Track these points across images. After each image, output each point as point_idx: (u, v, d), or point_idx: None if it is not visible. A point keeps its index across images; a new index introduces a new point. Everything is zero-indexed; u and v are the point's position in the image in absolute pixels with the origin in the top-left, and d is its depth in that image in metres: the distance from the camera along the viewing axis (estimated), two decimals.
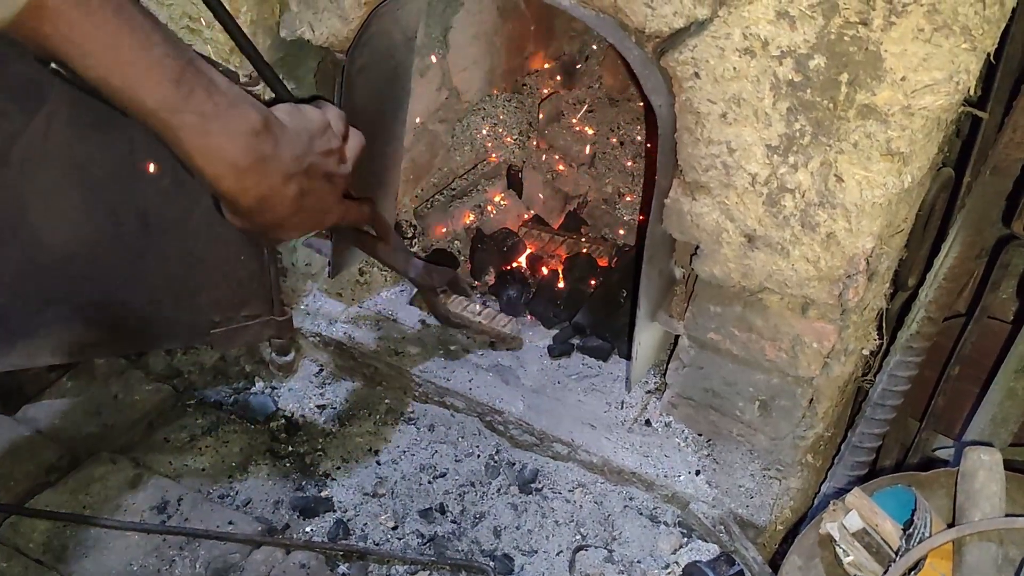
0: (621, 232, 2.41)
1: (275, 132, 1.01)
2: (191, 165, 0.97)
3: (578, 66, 2.67)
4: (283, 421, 1.97)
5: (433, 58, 2.16)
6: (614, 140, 2.54)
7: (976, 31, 1.16)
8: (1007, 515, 1.21)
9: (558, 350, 2.05)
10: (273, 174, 1.02)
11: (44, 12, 0.79)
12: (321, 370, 2.09)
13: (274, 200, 1.05)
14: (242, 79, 1.72)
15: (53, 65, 0.90)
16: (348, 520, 1.75)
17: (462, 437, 1.93)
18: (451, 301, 2.12)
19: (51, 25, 0.81)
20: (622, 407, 1.93)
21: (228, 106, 0.96)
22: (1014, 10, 1.19)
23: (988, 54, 1.21)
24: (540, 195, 2.47)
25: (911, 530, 1.24)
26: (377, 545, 1.71)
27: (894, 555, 1.23)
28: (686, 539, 1.75)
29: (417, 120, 2.21)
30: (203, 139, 0.95)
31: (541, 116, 2.54)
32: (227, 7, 1.22)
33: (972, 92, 1.27)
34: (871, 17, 1.21)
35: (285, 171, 1.04)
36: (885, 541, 1.25)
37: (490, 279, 2.27)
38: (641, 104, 2.53)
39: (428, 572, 1.67)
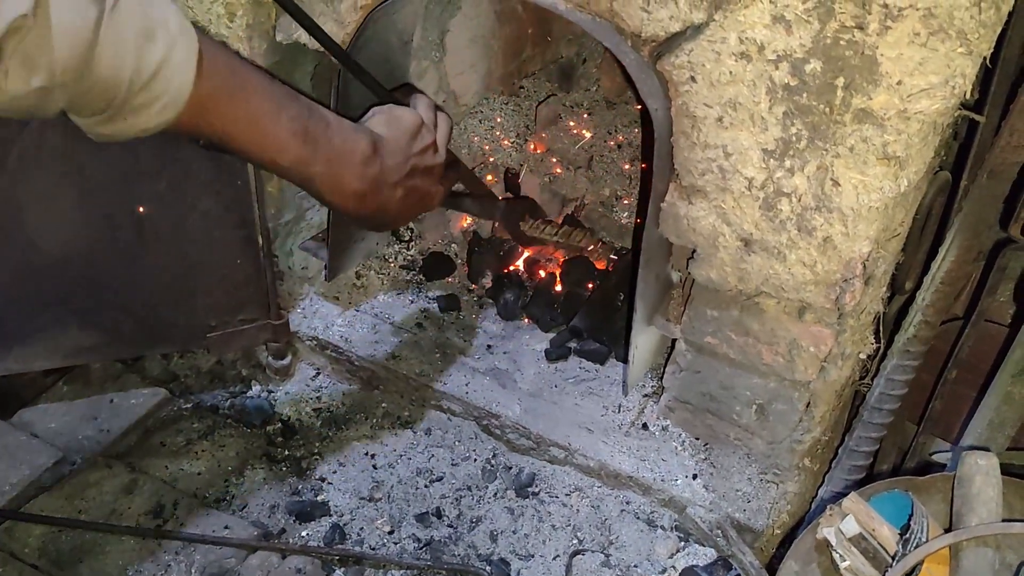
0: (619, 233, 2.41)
1: (380, 151, 1.16)
2: (321, 200, 1.15)
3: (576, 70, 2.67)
4: (279, 425, 1.96)
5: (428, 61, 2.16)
6: (611, 143, 2.54)
7: (972, 35, 1.16)
8: (1004, 520, 1.21)
9: (555, 354, 2.05)
10: (383, 188, 1.18)
11: (202, 110, 0.92)
12: (317, 374, 2.09)
13: (385, 206, 1.20)
14: None
15: (200, 142, 1.02)
16: (344, 524, 1.75)
17: (459, 441, 1.93)
18: (531, 226, 2.19)
19: (206, 121, 0.94)
20: (619, 411, 1.93)
21: (343, 142, 1.11)
22: (1011, 14, 1.19)
23: (984, 58, 1.21)
24: (538, 198, 2.47)
25: (908, 535, 1.24)
26: (373, 549, 1.71)
27: (891, 560, 1.23)
28: (683, 543, 1.75)
29: None
30: (332, 182, 1.11)
31: (538, 119, 2.54)
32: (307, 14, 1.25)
33: (968, 96, 1.27)
34: (867, 21, 1.21)
35: (392, 182, 1.19)
36: (882, 546, 1.25)
37: (487, 282, 2.27)
38: (639, 107, 2.52)
39: None
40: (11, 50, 0.75)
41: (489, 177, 2.43)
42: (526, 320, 2.16)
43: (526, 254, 2.33)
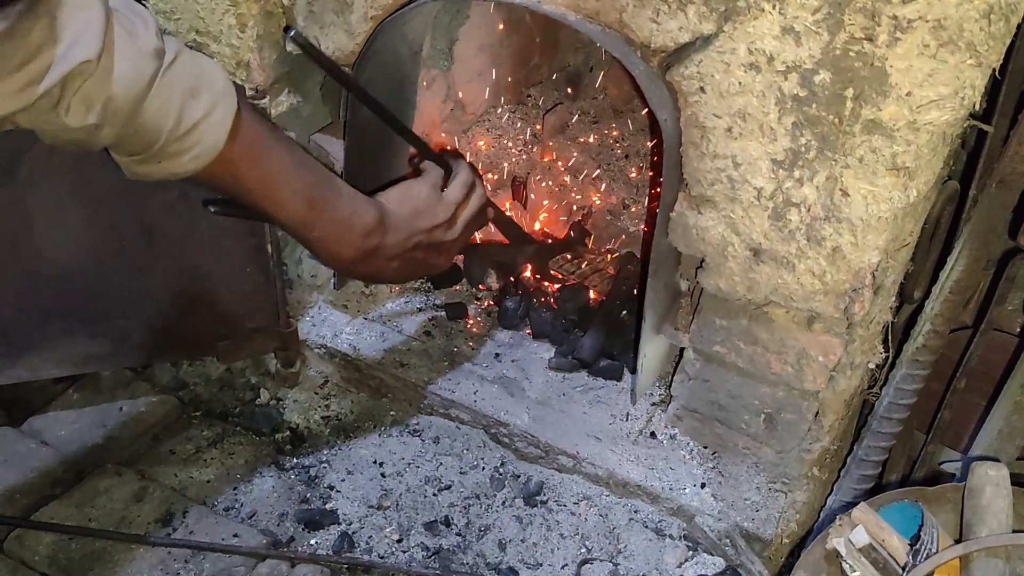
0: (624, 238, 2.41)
1: (385, 225, 1.24)
2: (322, 262, 1.25)
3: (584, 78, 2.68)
4: (288, 433, 1.97)
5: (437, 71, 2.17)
6: (618, 151, 2.54)
7: (981, 47, 1.17)
8: (1014, 531, 1.21)
9: (555, 363, 2.04)
10: (378, 260, 1.26)
11: (227, 165, 1.01)
12: (326, 382, 2.09)
13: (378, 274, 1.29)
14: (248, 92, 1.74)
15: (211, 208, 1.16)
16: (353, 533, 1.75)
17: (467, 449, 1.93)
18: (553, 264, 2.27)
19: (227, 174, 1.03)
20: (627, 419, 1.93)
21: (349, 213, 1.19)
22: (1020, 26, 1.19)
23: (993, 69, 1.21)
24: (545, 206, 2.48)
25: (918, 546, 1.24)
26: (382, 558, 1.71)
27: (901, 571, 1.23)
28: (691, 552, 1.74)
29: (422, 132, 2.22)
30: (329, 247, 1.19)
31: (545, 127, 2.55)
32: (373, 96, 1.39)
33: (977, 106, 1.27)
34: (876, 33, 1.21)
35: (389, 255, 1.26)
36: (892, 557, 1.25)
37: (492, 283, 2.27)
38: (646, 114, 2.53)
39: None
40: (73, 89, 0.84)
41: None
42: (529, 331, 2.16)
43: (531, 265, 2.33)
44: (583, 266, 2.27)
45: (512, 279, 2.24)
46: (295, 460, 1.90)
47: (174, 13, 1.67)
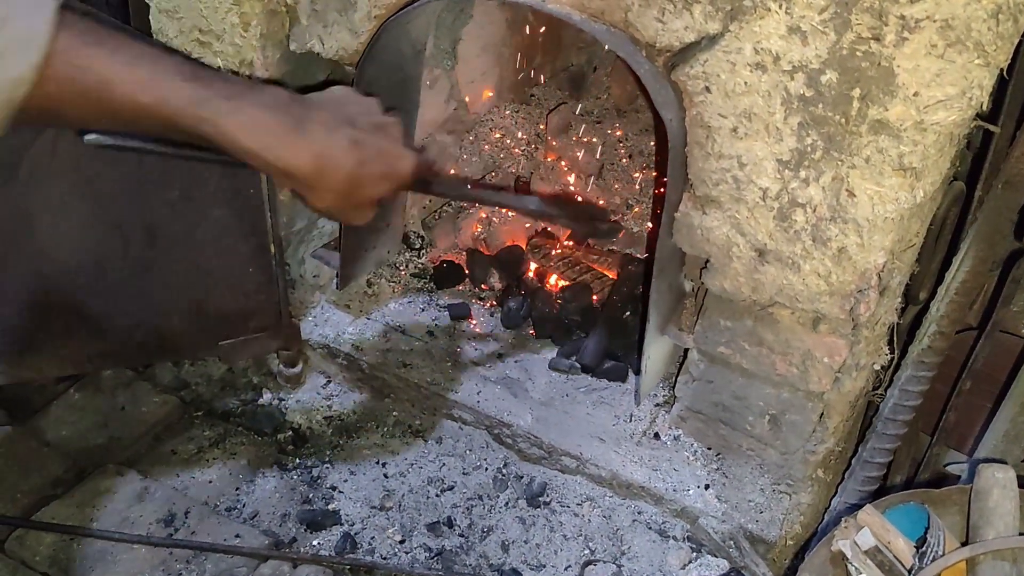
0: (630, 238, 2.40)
1: (304, 100, 1.02)
2: (240, 148, 0.97)
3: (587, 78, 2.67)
4: (290, 433, 1.96)
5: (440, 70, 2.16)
6: (622, 151, 2.54)
7: (989, 47, 1.16)
8: (1021, 533, 1.21)
9: (554, 363, 2.03)
10: (316, 130, 1.01)
11: (72, 55, 0.85)
12: (329, 382, 2.09)
13: (333, 158, 1.03)
14: None
15: (88, 136, 0.98)
16: (355, 533, 1.74)
17: (470, 450, 1.92)
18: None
19: (79, 68, 0.86)
20: (631, 420, 1.93)
21: (248, 88, 0.98)
22: None
23: (1001, 69, 1.21)
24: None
25: (924, 548, 1.23)
26: (384, 559, 1.71)
27: (907, 573, 1.22)
28: (695, 554, 1.74)
29: (426, 131, 2.21)
30: (238, 116, 0.96)
31: (549, 127, 2.54)
32: None
33: (984, 107, 1.27)
34: (884, 33, 1.21)
35: (326, 124, 1.03)
36: (898, 559, 1.24)
37: (495, 283, 2.26)
38: (650, 114, 2.52)
39: None
40: None
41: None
42: (532, 331, 2.15)
43: (535, 266, 2.32)
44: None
45: (514, 280, 2.24)
46: (297, 460, 1.90)
47: (177, 12, 1.66)
